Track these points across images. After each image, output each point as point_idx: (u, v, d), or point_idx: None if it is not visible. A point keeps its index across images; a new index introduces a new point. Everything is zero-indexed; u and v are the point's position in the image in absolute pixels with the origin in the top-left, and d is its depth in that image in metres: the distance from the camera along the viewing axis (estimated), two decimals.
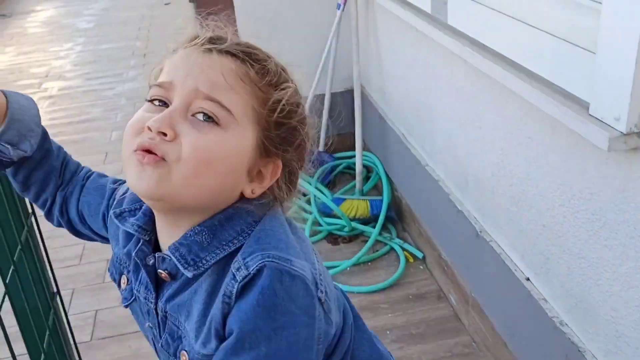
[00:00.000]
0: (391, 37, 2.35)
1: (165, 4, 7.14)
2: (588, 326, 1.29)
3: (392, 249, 2.35)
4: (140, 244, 0.73)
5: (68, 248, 2.44)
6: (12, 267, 0.62)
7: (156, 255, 0.72)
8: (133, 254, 0.74)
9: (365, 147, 2.72)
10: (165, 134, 0.64)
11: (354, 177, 2.67)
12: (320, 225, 2.47)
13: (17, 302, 0.60)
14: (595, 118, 1.09)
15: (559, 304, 1.40)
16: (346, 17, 2.59)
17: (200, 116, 0.66)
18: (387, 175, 2.57)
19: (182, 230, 0.70)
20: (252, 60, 0.70)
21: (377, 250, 2.34)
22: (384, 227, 2.42)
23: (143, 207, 0.76)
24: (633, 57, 0.97)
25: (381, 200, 2.46)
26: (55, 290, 0.90)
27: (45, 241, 0.98)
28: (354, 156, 2.65)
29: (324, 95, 2.76)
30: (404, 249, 2.32)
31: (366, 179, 2.72)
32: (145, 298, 0.75)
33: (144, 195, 0.67)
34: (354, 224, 2.42)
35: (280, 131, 0.71)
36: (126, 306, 0.80)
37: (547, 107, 1.22)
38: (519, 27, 1.32)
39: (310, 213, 2.50)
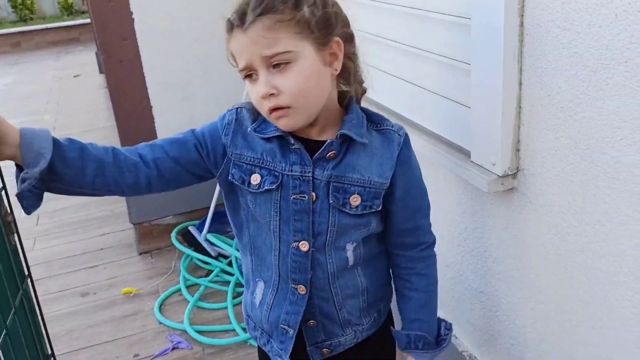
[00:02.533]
0: None
1: (74, 77, 7.08)
2: (493, 356, 1.39)
3: None
4: (292, 141, 1.00)
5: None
6: (4, 332, 0.63)
7: (327, 141, 1.00)
8: (296, 145, 1.00)
9: None
10: (272, 94, 0.92)
11: None
12: (242, 286, 2.48)
13: None
14: (476, 164, 1.22)
15: (467, 339, 1.49)
16: None
17: (276, 67, 0.92)
18: None
19: (327, 122, 1.02)
20: (270, 9, 0.92)
21: None
22: None
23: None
24: (499, 110, 1.11)
25: None
26: (50, 352, 0.88)
27: (40, 304, 1.00)
28: None
29: None
30: None
31: None
32: (301, 172, 1.00)
33: (295, 130, 0.98)
34: None
35: (319, 25, 0.94)
36: (265, 191, 1.02)
37: (436, 157, 1.35)
38: (405, 86, 1.47)
39: (233, 275, 2.52)
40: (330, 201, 1.00)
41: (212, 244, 2.70)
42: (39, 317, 0.78)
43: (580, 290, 1.06)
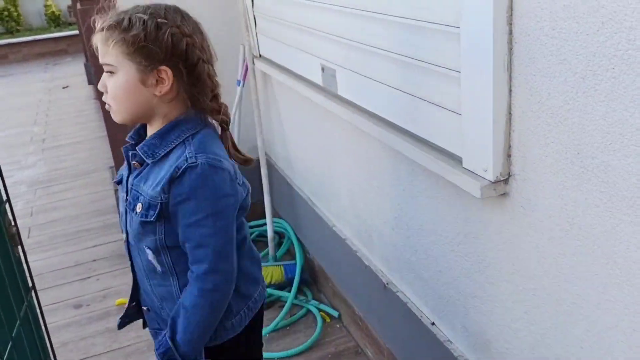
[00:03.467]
0: (290, 109, 2.49)
1: (63, 88, 7.06)
2: None
3: (309, 311, 2.40)
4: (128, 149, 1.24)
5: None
6: (10, 343, 0.63)
7: (130, 153, 1.22)
8: (124, 153, 1.24)
9: (275, 214, 2.80)
10: (102, 91, 1.18)
11: (266, 245, 2.73)
12: None
13: None
14: (468, 170, 1.24)
15: (462, 343, 1.51)
16: (247, 92, 2.72)
17: (109, 73, 1.16)
18: (298, 240, 2.65)
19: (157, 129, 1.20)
20: (108, 27, 1.13)
21: (295, 314, 2.38)
22: (300, 291, 2.48)
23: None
24: (490, 117, 1.13)
25: (294, 264, 2.52)
26: None
27: (45, 315, 1.04)
28: (265, 224, 2.72)
29: None
30: (320, 310, 2.38)
31: (279, 244, 2.79)
32: (125, 177, 1.24)
33: (120, 122, 1.20)
34: (269, 290, 2.46)
35: (141, 54, 1.12)
36: (117, 183, 1.30)
37: (429, 164, 1.37)
38: (398, 95, 1.48)
39: None
40: (126, 204, 1.22)
41: None
42: (43, 328, 0.79)
43: (574, 293, 1.07)
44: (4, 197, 0.76)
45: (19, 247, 0.70)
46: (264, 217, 2.72)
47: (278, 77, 2.40)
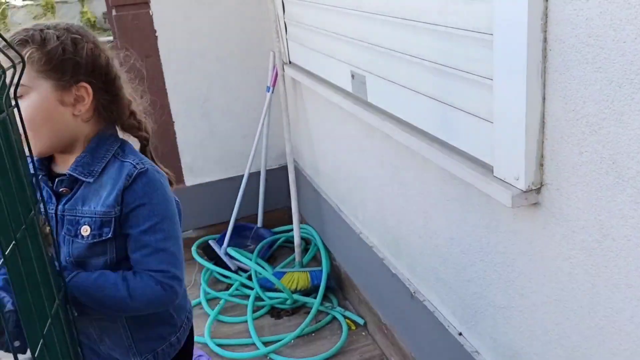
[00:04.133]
0: (319, 115, 2.50)
1: None
2: None
3: (334, 317, 2.40)
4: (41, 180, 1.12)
5: None
6: (41, 341, 0.65)
7: (57, 179, 1.11)
8: (44, 184, 1.12)
9: (302, 220, 2.81)
10: None
11: (293, 251, 2.73)
12: (262, 300, 2.49)
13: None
14: (499, 179, 1.22)
15: (490, 355, 1.48)
16: (276, 98, 2.74)
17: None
18: (324, 246, 2.65)
19: (72, 160, 1.12)
20: (21, 43, 1.04)
21: (320, 321, 2.38)
22: (326, 297, 2.48)
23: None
24: (522, 125, 1.11)
25: (321, 271, 2.52)
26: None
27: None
28: (292, 230, 2.72)
29: (259, 172, 2.86)
30: (345, 317, 2.37)
31: (305, 251, 2.79)
32: (49, 209, 1.12)
33: (41, 155, 1.12)
34: (295, 296, 2.46)
35: (59, 70, 1.06)
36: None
37: (458, 172, 1.36)
38: (428, 102, 1.48)
39: (252, 289, 2.53)
40: (64, 233, 1.11)
41: (231, 257, 2.72)
42: (74, 328, 0.80)
43: (607, 305, 1.05)
44: (38, 197, 0.78)
45: (52, 246, 0.72)
46: (291, 223, 2.73)
47: (307, 84, 2.41)
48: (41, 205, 0.79)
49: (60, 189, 1.12)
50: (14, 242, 0.62)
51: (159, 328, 1.23)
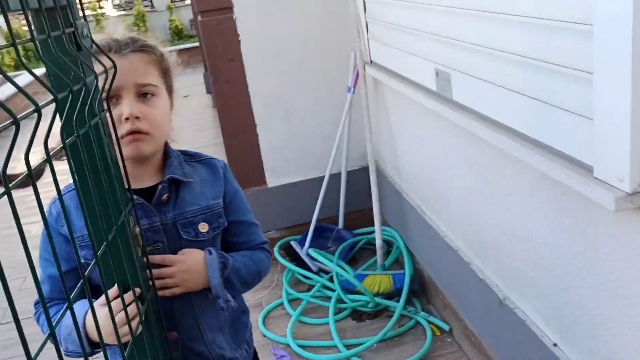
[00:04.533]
0: (401, 115, 2.45)
1: (184, 97, 7.47)
2: None
3: (417, 322, 2.34)
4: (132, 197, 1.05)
5: None
6: (130, 341, 0.67)
7: (160, 186, 1.09)
8: (139, 201, 1.07)
9: (384, 222, 2.77)
10: (138, 117, 1.02)
11: (375, 253, 2.70)
12: (344, 302, 2.47)
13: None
14: (600, 180, 1.13)
15: None
16: (357, 99, 2.71)
17: (144, 96, 1.05)
18: (407, 249, 2.59)
19: (152, 170, 1.12)
20: (147, 48, 1.08)
21: (403, 325, 2.33)
22: (409, 301, 2.43)
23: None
24: (627, 121, 1.02)
25: (403, 274, 2.47)
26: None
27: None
28: (374, 232, 2.69)
29: (340, 173, 2.85)
30: (429, 322, 2.31)
31: (387, 253, 2.74)
32: (150, 224, 1.08)
33: (146, 157, 1.08)
34: (377, 299, 2.42)
35: (168, 74, 1.12)
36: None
37: (554, 173, 1.27)
38: (520, 99, 1.40)
39: (334, 291, 2.52)
40: (184, 237, 1.10)
41: (313, 259, 2.72)
42: (163, 327, 0.81)
43: None
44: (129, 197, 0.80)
45: (141, 247, 0.73)
46: (373, 225, 2.69)
47: (389, 83, 2.37)
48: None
49: (163, 197, 1.09)
50: (105, 243, 0.63)
51: (243, 315, 1.28)
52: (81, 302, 0.96)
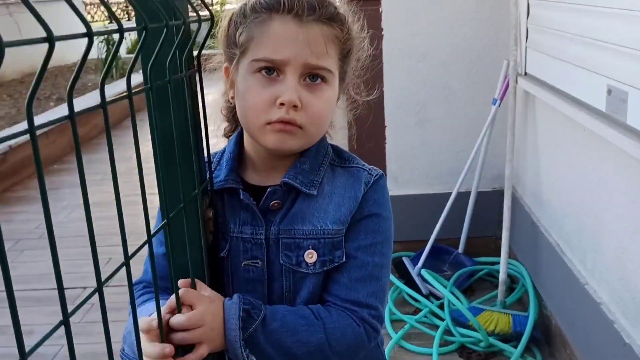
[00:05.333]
0: (553, 136, 2.14)
1: None
2: None
3: None
4: (242, 195, 0.85)
5: None
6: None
7: (269, 189, 0.85)
8: (247, 201, 0.85)
9: (511, 255, 2.46)
10: (296, 106, 0.80)
11: (495, 286, 2.41)
12: (452, 335, 2.21)
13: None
14: None
15: None
16: (502, 113, 2.44)
17: (310, 79, 0.82)
18: (535, 289, 2.28)
19: (284, 166, 0.88)
20: (335, 21, 0.83)
21: None
22: (528, 349, 2.12)
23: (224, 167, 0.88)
24: None
25: (526, 317, 2.16)
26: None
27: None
28: (498, 263, 2.40)
29: (469, 193, 2.59)
30: None
31: (510, 290, 2.44)
32: (252, 234, 0.86)
33: (286, 152, 0.86)
34: (492, 339, 2.14)
35: (347, 54, 0.87)
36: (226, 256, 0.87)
37: None
38: None
39: (443, 320, 2.27)
40: (282, 262, 0.85)
41: (424, 280, 2.49)
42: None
43: None
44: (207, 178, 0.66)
45: (211, 233, 0.59)
46: (498, 255, 2.40)
47: (545, 99, 2.07)
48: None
49: (272, 203, 0.86)
50: (164, 221, 0.47)
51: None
52: (152, 305, 0.78)
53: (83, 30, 0.43)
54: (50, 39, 0.36)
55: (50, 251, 0.40)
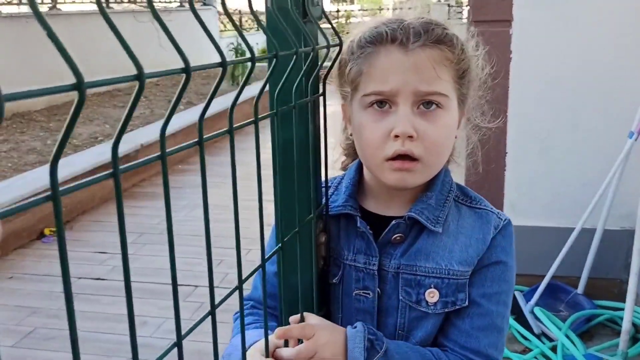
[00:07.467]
0: None
1: None
2: None
3: None
4: (359, 222, 0.85)
5: None
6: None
7: (394, 221, 0.83)
8: (363, 229, 0.84)
9: (638, 302, 2.25)
10: (411, 136, 0.77)
11: (617, 334, 2.21)
12: None
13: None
14: None
15: None
16: (638, 147, 2.24)
17: (424, 106, 0.79)
18: None
19: (405, 197, 0.86)
20: (443, 43, 0.80)
21: None
22: None
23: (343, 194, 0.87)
24: None
25: None
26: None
27: None
28: (622, 309, 2.20)
29: (594, 230, 2.40)
30: None
31: (633, 339, 2.23)
32: (365, 264, 0.84)
33: (407, 188, 0.83)
34: None
35: (466, 78, 0.83)
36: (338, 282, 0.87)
37: None
38: None
39: None
40: (400, 297, 0.83)
41: (537, 319, 2.34)
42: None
43: None
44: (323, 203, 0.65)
45: (322, 258, 0.59)
46: (621, 300, 2.21)
47: None
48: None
49: (394, 236, 0.84)
50: (279, 245, 0.47)
51: None
52: (257, 332, 0.80)
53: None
54: (187, 70, 0.37)
55: (169, 254, 0.41)
